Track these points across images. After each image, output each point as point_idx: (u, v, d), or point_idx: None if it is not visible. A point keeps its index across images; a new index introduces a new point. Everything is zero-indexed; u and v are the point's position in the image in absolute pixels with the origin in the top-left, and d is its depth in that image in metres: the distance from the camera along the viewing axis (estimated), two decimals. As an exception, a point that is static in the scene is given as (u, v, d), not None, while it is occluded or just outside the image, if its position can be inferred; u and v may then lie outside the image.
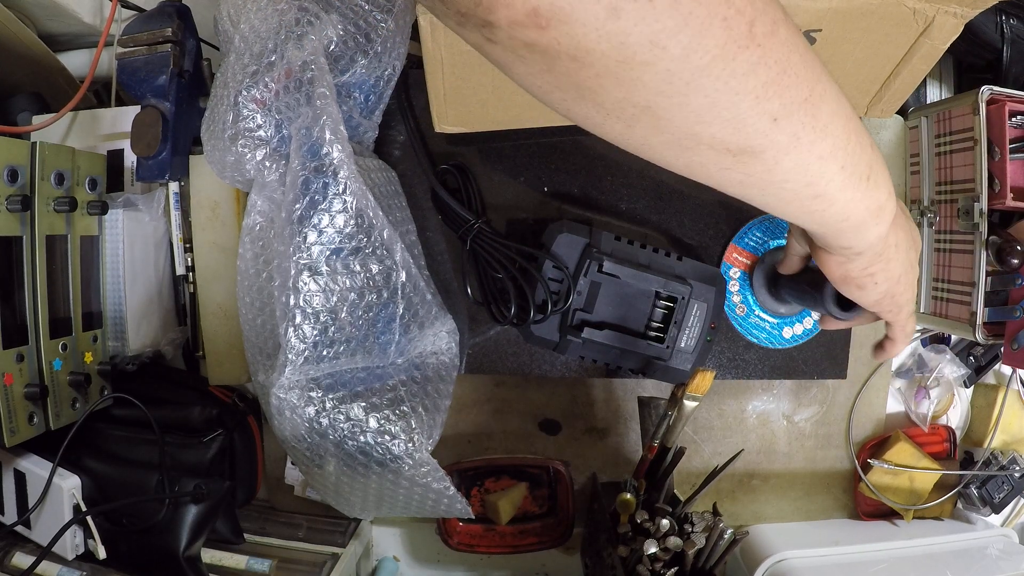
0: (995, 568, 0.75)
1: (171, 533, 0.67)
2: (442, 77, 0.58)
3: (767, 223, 0.76)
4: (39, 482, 0.65)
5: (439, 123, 0.65)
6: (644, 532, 0.64)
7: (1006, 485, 0.81)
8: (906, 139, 0.80)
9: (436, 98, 0.62)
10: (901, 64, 0.62)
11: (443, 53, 0.55)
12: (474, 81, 0.59)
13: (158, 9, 0.69)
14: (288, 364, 0.56)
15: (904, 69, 0.62)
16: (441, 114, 0.64)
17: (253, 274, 0.63)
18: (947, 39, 0.58)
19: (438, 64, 0.56)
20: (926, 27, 0.56)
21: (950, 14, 0.55)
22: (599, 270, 0.66)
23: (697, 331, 0.69)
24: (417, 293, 0.61)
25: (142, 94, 0.68)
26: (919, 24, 0.56)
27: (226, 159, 0.59)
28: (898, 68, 0.62)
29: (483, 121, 0.66)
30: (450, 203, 0.70)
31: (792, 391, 0.83)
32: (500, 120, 0.66)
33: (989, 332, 0.70)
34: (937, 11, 0.55)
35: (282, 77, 0.59)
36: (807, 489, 0.85)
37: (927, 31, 0.57)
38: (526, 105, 0.64)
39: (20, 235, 0.62)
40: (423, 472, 0.60)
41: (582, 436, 0.83)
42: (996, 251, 0.68)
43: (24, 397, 0.62)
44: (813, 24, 0.55)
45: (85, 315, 0.70)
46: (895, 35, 0.58)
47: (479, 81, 0.59)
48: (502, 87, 0.60)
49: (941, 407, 0.83)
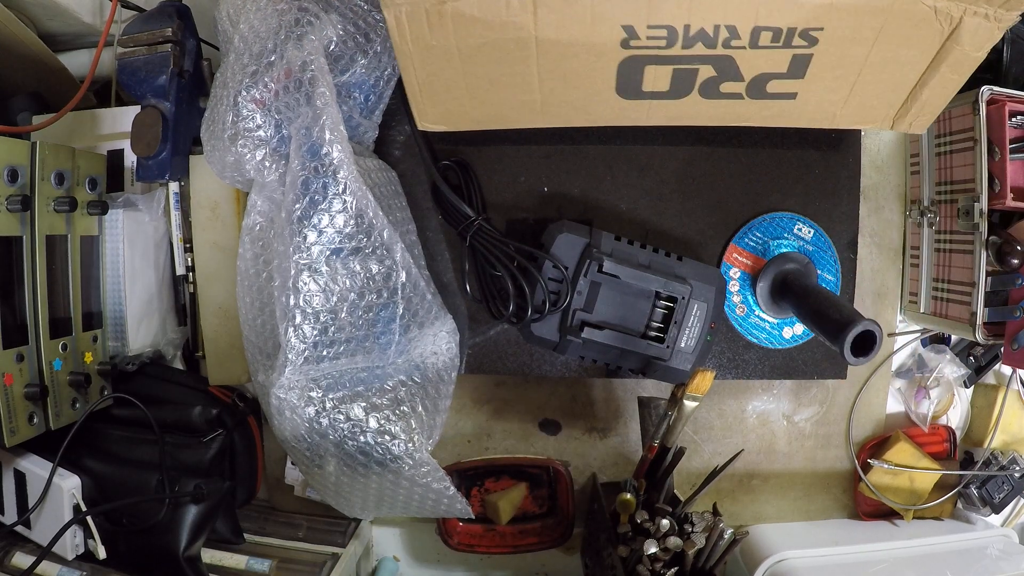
0: (995, 568, 0.75)
1: (171, 533, 0.67)
2: (414, 72, 0.58)
3: (767, 223, 0.76)
4: (39, 482, 0.65)
5: (420, 120, 0.64)
6: (644, 532, 0.64)
7: (1006, 485, 0.81)
8: (906, 139, 0.80)
9: (412, 94, 0.61)
10: (928, 72, 0.56)
11: (411, 48, 0.55)
12: (445, 77, 0.58)
13: (158, 9, 0.69)
14: (288, 364, 0.56)
15: (932, 78, 0.56)
16: (421, 111, 0.63)
17: (253, 274, 0.63)
18: (980, 45, 0.52)
19: (409, 59, 0.56)
20: (953, 30, 0.51)
21: (980, 15, 0.50)
22: (599, 270, 0.66)
23: (697, 331, 0.69)
24: (417, 293, 0.61)
25: (142, 94, 0.68)
26: (944, 26, 0.51)
27: (226, 159, 0.59)
28: (924, 77, 0.56)
29: (463, 120, 0.65)
30: (451, 198, 0.70)
31: (792, 391, 0.83)
32: (479, 119, 0.65)
33: (989, 332, 0.69)
34: (964, 11, 0.50)
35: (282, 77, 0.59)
36: (807, 489, 0.85)
37: (954, 35, 0.51)
38: (502, 103, 0.63)
39: (20, 235, 0.62)
40: (423, 472, 0.60)
41: (582, 436, 0.83)
42: (996, 251, 0.68)
43: (24, 397, 0.62)
44: (811, 22, 0.52)
45: (85, 315, 0.70)
46: (916, 38, 0.53)
47: (450, 77, 0.58)
48: (475, 84, 0.59)
49: (941, 407, 0.83)
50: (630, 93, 0.60)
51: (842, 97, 0.59)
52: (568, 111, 0.64)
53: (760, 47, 0.53)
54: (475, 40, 0.53)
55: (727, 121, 0.63)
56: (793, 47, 0.53)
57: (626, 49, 0.54)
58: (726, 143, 0.75)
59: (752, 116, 0.62)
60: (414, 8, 0.51)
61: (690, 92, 0.59)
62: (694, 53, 0.54)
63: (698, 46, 0.53)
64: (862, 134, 0.77)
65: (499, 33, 0.52)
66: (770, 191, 0.76)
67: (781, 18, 0.51)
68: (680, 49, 0.54)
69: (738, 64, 0.55)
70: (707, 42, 0.53)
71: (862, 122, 0.63)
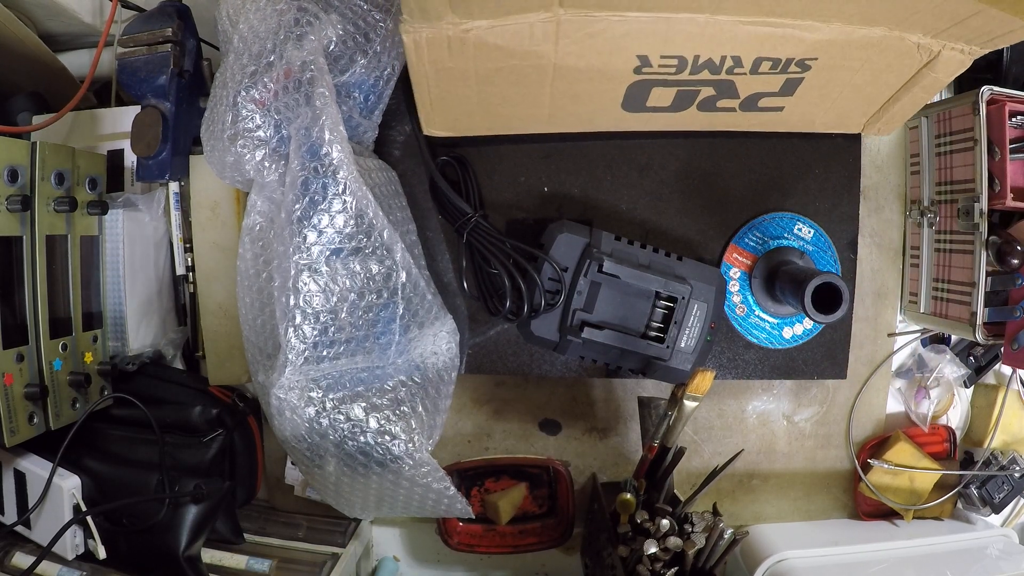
0: (995, 568, 0.75)
1: (171, 533, 0.67)
2: (428, 90, 0.60)
3: (767, 223, 0.76)
4: (39, 482, 0.65)
5: (427, 127, 0.66)
6: (644, 532, 0.64)
7: (1006, 485, 0.81)
8: (906, 139, 0.80)
9: (423, 107, 0.63)
10: (902, 91, 0.61)
11: (428, 69, 0.56)
12: (459, 94, 0.60)
13: (158, 9, 0.69)
14: (288, 364, 0.56)
15: (904, 96, 0.62)
16: (429, 120, 0.65)
17: (253, 274, 0.63)
18: (952, 73, 0.57)
19: (424, 78, 0.58)
20: (930, 60, 0.56)
21: (957, 50, 0.54)
22: (599, 270, 0.66)
23: (697, 331, 0.69)
24: (417, 293, 0.61)
25: (142, 94, 0.68)
26: (923, 57, 0.56)
27: (226, 159, 0.59)
28: (898, 94, 0.62)
29: (470, 127, 0.67)
30: (448, 194, 0.70)
31: (792, 391, 0.83)
32: (486, 127, 0.67)
33: (989, 332, 0.69)
34: (943, 47, 0.54)
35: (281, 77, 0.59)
36: (807, 489, 0.85)
37: (931, 64, 0.56)
38: (511, 116, 0.65)
39: (20, 235, 0.62)
40: (423, 472, 0.60)
41: (582, 436, 0.83)
42: (996, 251, 0.68)
43: (24, 397, 0.62)
44: (808, 53, 0.55)
45: (85, 315, 0.70)
46: (897, 65, 0.58)
47: (463, 94, 0.60)
48: (488, 101, 0.61)
49: (941, 407, 0.83)
50: (634, 108, 0.63)
51: (823, 109, 0.65)
52: (573, 122, 0.67)
53: (759, 73, 0.57)
54: (494, 64, 0.55)
55: (716, 127, 0.68)
56: (788, 73, 0.57)
57: (638, 75, 0.57)
58: (726, 143, 0.75)
59: (740, 124, 0.68)
60: (436, 34, 0.51)
61: (689, 107, 0.63)
62: (699, 78, 0.57)
63: (703, 72, 0.56)
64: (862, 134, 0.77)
65: (520, 60, 0.54)
66: (770, 191, 0.76)
67: (783, 51, 0.54)
68: (687, 75, 0.57)
69: (737, 86, 0.59)
70: (712, 69, 0.56)
71: (837, 128, 0.70)
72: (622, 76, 0.57)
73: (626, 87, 0.59)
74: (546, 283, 0.67)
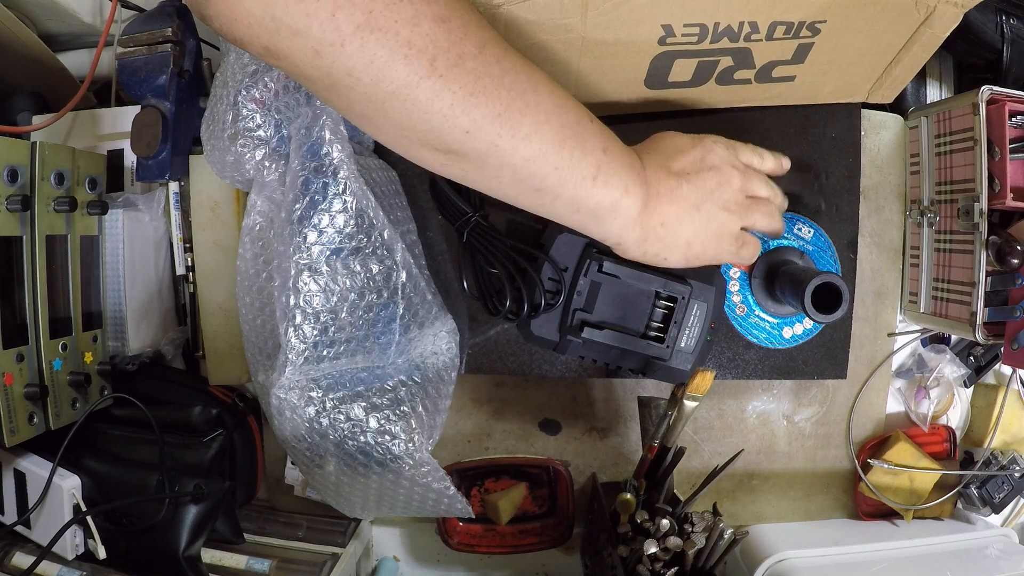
0: (995, 568, 0.75)
1: (171, 533, 0.67)
2: None
3: (767, 223, 0.76)
4: (39, 482, 0.65)
5: None
6: (644, 532, 0.64)
7: (1006, 485, 0.81)
8: (906, 139, 0.80)
9: None
10: (902, 52, 0.64)
11: None
12: None
13: (158, 9, 0.69)
14: (288, 364, 0.56)
15: (905, 56, 0.65)
16: None
17: (253, 274, 0.63)
18: (947, 27, 0.60)
19: None
20: (927, 16, 0.59)
21: (951, 3, 0.58)
22: (599, 270, 0.66)
23: (697, 331, 0.69)
24: (417, 293, 0.61)
25: (142, 94, 0.68)
26: (920, 14, 0.59)
27: (226, 159, 0.59)
28: (899, 55, 0.65)
29: None
30: (448, 192, 0.70)
31: (792, 391, 0.83)
32: None
33: (989, 332, 0.69)
34: (939, 2, 0.57)
35: (282, 77, 0.59)
36: (807, 489, 0.85)
37: (928, 20, 0.59)
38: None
39: (20, 235, 0.62)
40: (423, 472, 0.60)
41: (582, 436, 0.83)
42: (996, 251, 0.68)
43: (24, 397, 0.62)
44: (818, 16, 0.58)
45: (85, 315, 0.70)
46: (897, 24, 0.60)
47: None
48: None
49: (941, 407, 0.83)
50: (656, 85, 0.65)
51: (832, 76, 0.68)
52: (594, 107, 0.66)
53: (774, 39, 0.60)
54: (524, 42, 0.56)
55: (733, 103, 0.71)
56: (800, 38, 0.60)
57: (662, 45, 0.59)
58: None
59: (755, 98, 0.71)
60: None
61: (708, 81, 0.66)
62: (719, 47, 0.60)
63: (723, 40, 0.59)
64: (862, 134, 0.77)
65: (549, 35, 0.56)
66: (770, 191, 0.75)
67: (795, 13, 0.58)
68: (708, 44, 0.59)
69: (753, 55, 0.62)
70: (731, 37, 0.59)
71: (844, 96, 0.73)
72: (647, 47, 0.59)
73: (650, 60, 0.61)
74: (546, 283, 0.67)
